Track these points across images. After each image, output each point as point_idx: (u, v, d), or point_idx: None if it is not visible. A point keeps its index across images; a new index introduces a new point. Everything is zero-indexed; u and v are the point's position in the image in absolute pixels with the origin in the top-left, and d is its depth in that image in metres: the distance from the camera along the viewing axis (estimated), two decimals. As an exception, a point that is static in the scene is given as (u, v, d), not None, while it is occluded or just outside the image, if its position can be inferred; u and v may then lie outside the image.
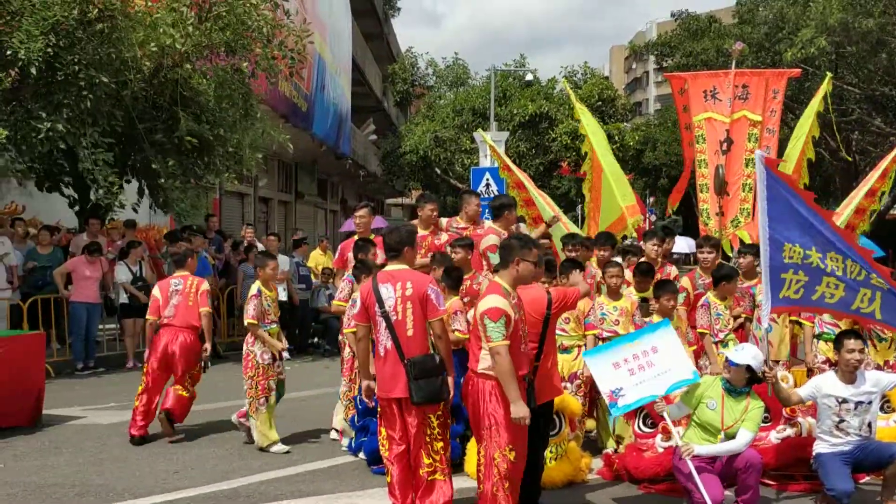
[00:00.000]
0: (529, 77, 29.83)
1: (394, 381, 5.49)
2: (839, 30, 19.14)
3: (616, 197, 10.82)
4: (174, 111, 12.01)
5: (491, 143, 12.40)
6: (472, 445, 6.95)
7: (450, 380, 5.55)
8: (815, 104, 11.38)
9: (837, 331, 7.70)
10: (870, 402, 6.06)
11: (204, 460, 7.49)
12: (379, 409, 5.80)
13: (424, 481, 5.51)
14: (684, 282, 8.44)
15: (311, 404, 9.66)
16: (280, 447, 7.65)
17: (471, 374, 5.42)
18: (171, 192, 12.57)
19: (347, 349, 7.68)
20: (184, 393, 8.18)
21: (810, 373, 7.70)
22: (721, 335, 7.80)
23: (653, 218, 22.35)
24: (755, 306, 7.93)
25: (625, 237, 10.65)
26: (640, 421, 6.94)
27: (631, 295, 8.00)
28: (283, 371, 7.98)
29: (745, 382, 6.03)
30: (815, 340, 7.98)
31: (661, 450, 6.72)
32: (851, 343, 6.07)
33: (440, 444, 5.52)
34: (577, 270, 7.08)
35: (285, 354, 13.16)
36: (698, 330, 7.83)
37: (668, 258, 9.35)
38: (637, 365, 6.03)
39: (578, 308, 7.43)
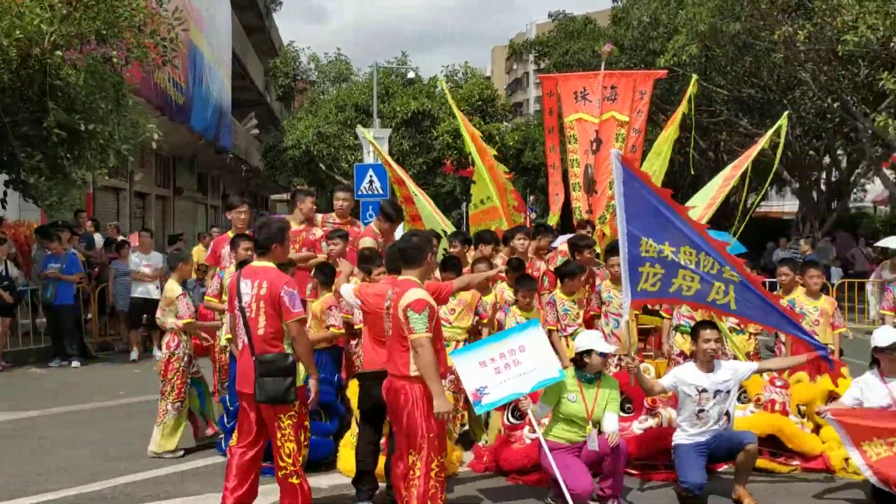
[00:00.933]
0: (411, 75, 29.96)
1: (246, 376, 5.47)
2: (708, 33, 19.94)
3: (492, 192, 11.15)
4: (43, 102, 11.55)
5: (372, 140, 12.45)
6: (345, 443, 7.00)
7: (312, 382, 5.52)
8: (682, 107, 11.88)
9: (693, 323, 8.13)
10: (728, 392, 6.39)
11: (71, 462, 7.28)
12: None
13: (282, 482, 5.49)
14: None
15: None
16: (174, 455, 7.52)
17: (398, 379, 5.39)
18: (38, 187, 12.09)
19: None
20: None
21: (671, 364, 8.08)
22: (570, 329, 8.14)
23: (532, 216, 22.79)
24: (601, 303, 8.45)
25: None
26: (510, 413, 7.12)
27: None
28: (199, 370, 7.88)
29: (596, 368, 6.24)
30: (672, 332, 8.38)
31: (528, 441, 6.91)
32: (707, 333, 6.40)
33: (292, 446, 5.42)
34: (485, 264, 7.67)
35: (157, 353, 12.95)
36: (546, 328, 8.09)
37: (541, 254, 9.60)
38: (503, 364, 6.18)
39: (466, 300, 7.70)
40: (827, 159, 26.85)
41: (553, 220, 12.89)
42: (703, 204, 10.15)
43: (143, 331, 13.51)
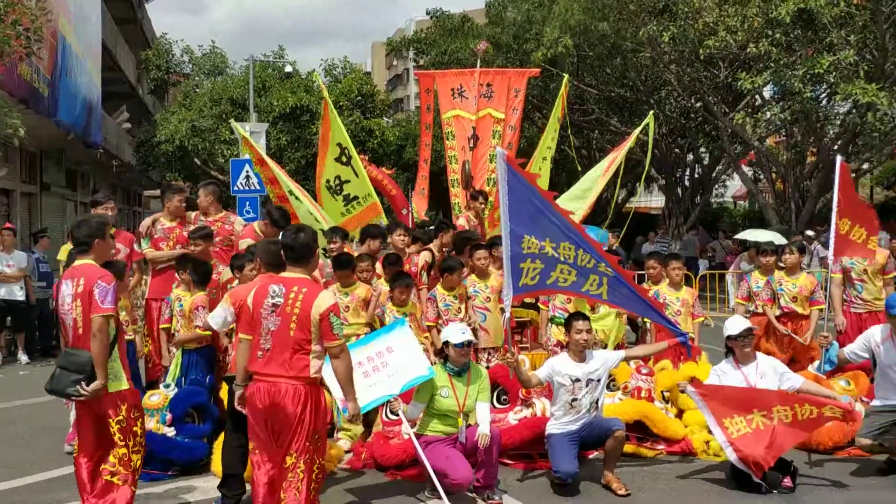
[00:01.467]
0: (289, 69, 29.62)
1: None
2: (580, 31, 20.52)
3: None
4: None
5: (245, 135, 12.24)
6: (218, 445, 6.90)
7: (94, 385, 5.15)
8: (557, 106, 12.23)
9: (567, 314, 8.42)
10: (598, 380, 6.67)
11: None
12: None
13: (102, 480, 5.33)
14: None
15: (48, 410, 9.06)
16: None
17: (289, 381, 5.14)
18: None
19: None
20: None
21: None
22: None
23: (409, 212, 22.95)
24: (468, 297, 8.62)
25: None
26: (388, 410, 7.18)
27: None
28: None
29: (458, 360, 6.36)
30: (548, 324, 8.65)
31: (406, 437, 7.00)
32: (580, 324, 6.67)
33: (123, 451, 5.29)
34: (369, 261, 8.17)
35: (22, 357, 12.39)
36: (426, 324, 8.28)
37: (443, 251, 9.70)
38: (372, 367, 6.25)
39: (360, 296, 7.87)
40: (690, 156, 28.07)
41: (415, 212, 13.11)
42: (584, 205, 10.54)
43: (6, 334, 12.92)
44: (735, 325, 6.83)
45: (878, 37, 18.15)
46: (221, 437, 6.93)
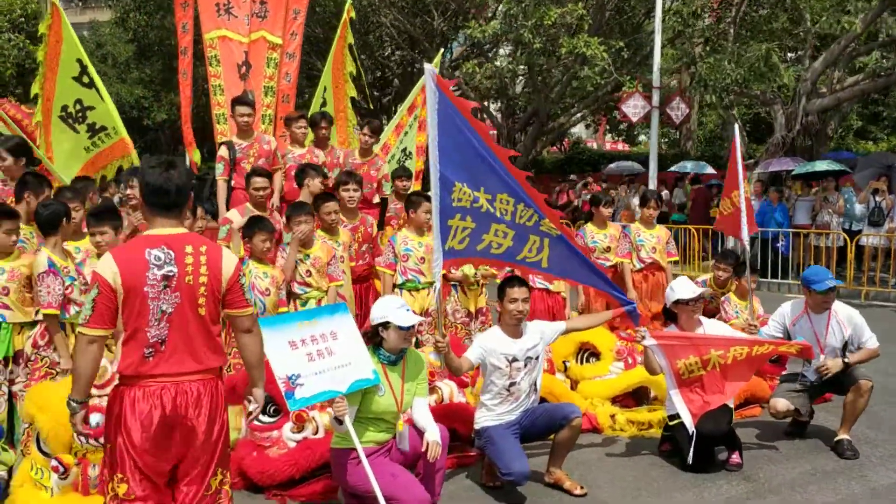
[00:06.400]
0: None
1: None
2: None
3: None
4: None
5: None
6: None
7: None
8: (343, 35, 10.55)
9: (423, 279, 7.10)
10: (537, 358, 5.39)
11: None
12: None
13: None
14: None
15: None
16: None
17: (197, 377, 3.66)
18: None
19: None
20: None
21: None
22: None
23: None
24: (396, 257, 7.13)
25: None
26: (290, 415, 5.35)
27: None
28: None
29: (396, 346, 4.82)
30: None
31: (292, 444, 5.27)
32: (515, 291, 5.30)
33: None
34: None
35: None
36: (380, 268, 7.18)
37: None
38: (316, 350, 4.49)
39: (321, 260, 6.57)
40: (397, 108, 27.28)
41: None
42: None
43: None
44: (685, 287, 5.89)
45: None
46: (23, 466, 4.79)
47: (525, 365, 5.30)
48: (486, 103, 22.74)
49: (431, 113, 4.95)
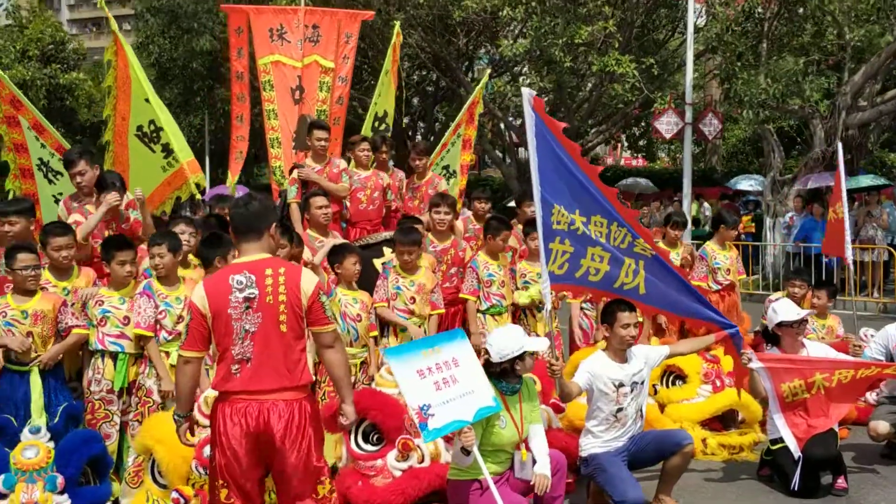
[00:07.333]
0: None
1: None
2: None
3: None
4: None
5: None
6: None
7: None
8: (390, 58, 10.51)
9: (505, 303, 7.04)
10: (643, 383, 5.31)
11: None
12: None
13: None
14: None
15: None
16: None
17: (285, 395, 3.93)
18: None
19: None
20: None
21: None
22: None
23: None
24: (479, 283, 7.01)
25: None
26: (358, 436, 5.30)
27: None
28: None
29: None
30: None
31: (398, 473, 5.18)
32: (626, 316, 5.22)
33: None
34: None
35: None
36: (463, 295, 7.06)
37: None
38: (442, 378, 4.43)
39: (426, 287, 6.54)
40: (423, 124, 27.27)
41: (231, 182, 10.76)
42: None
43: None
44: (788, 309, 5.80)
45: (629, 8, 18.73)
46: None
47: (632, 390, 5.22)
48: (511, 120, 22.72)
49: (530, 136, 4.92)
